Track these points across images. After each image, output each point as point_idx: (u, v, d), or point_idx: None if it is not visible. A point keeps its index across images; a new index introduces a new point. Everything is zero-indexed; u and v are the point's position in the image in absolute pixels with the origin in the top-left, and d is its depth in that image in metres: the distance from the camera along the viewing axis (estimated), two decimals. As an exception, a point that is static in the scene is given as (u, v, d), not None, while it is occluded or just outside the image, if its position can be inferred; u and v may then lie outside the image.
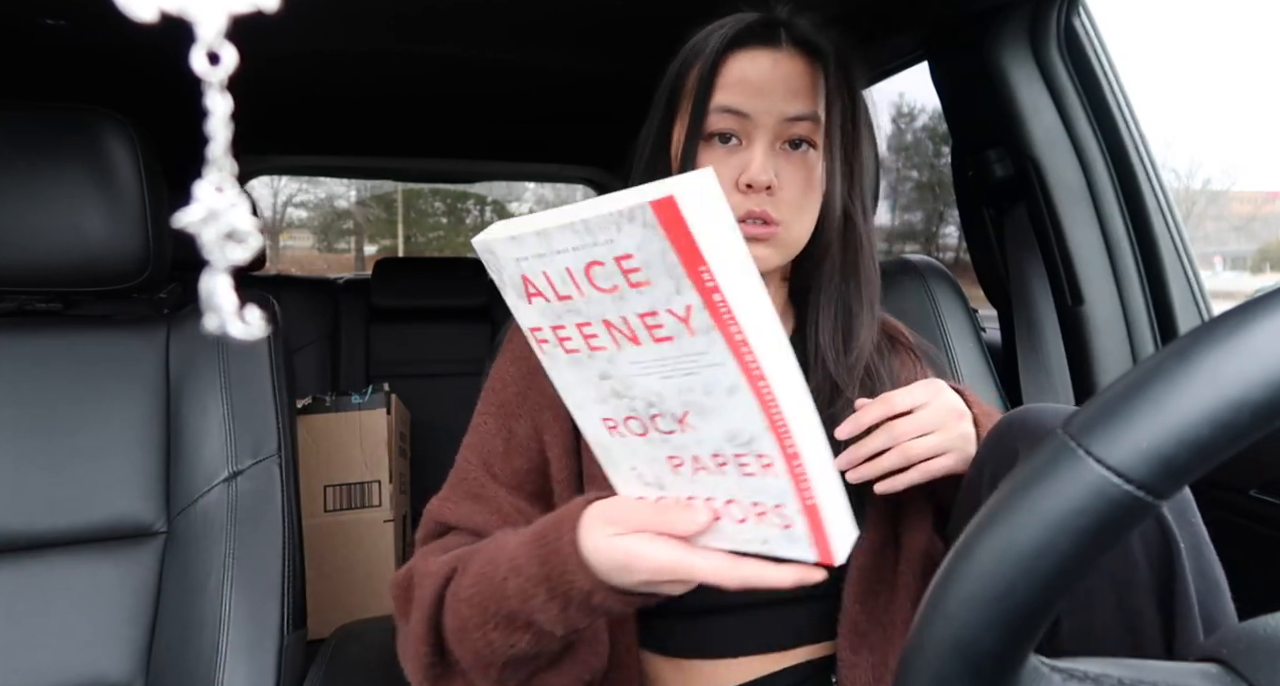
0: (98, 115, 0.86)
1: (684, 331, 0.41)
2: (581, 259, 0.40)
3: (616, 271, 0.39)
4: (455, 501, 0.68)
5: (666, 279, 0.39)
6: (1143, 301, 1.06)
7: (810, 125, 0.67)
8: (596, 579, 0.48)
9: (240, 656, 0.81)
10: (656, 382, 0.44)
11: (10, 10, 1.07)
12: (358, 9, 1.09)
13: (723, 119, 0.67)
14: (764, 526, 0.47)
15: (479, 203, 9.86)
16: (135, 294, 0.94)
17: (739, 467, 0.45)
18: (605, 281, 0.40)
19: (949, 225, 6.97)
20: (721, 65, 0.67)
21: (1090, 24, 1.05)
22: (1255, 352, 0.24)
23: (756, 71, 0.67)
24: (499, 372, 0.74)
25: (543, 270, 0.41)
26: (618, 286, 0.40)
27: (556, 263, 0.41)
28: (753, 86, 0.66)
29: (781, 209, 0.66)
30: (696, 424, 0.44)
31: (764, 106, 0.66)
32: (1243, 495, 0.91)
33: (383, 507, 1.69)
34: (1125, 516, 0.25)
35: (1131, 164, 1.05)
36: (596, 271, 0.40)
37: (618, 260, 0.39)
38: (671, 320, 0.40)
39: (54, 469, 0.85)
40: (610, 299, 0.41)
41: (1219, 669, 0.30)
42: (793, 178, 0.67)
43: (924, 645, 0.28)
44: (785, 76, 0.67)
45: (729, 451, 0.45)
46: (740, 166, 0.66)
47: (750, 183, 0.65)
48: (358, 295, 2.18)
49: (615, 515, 0.48)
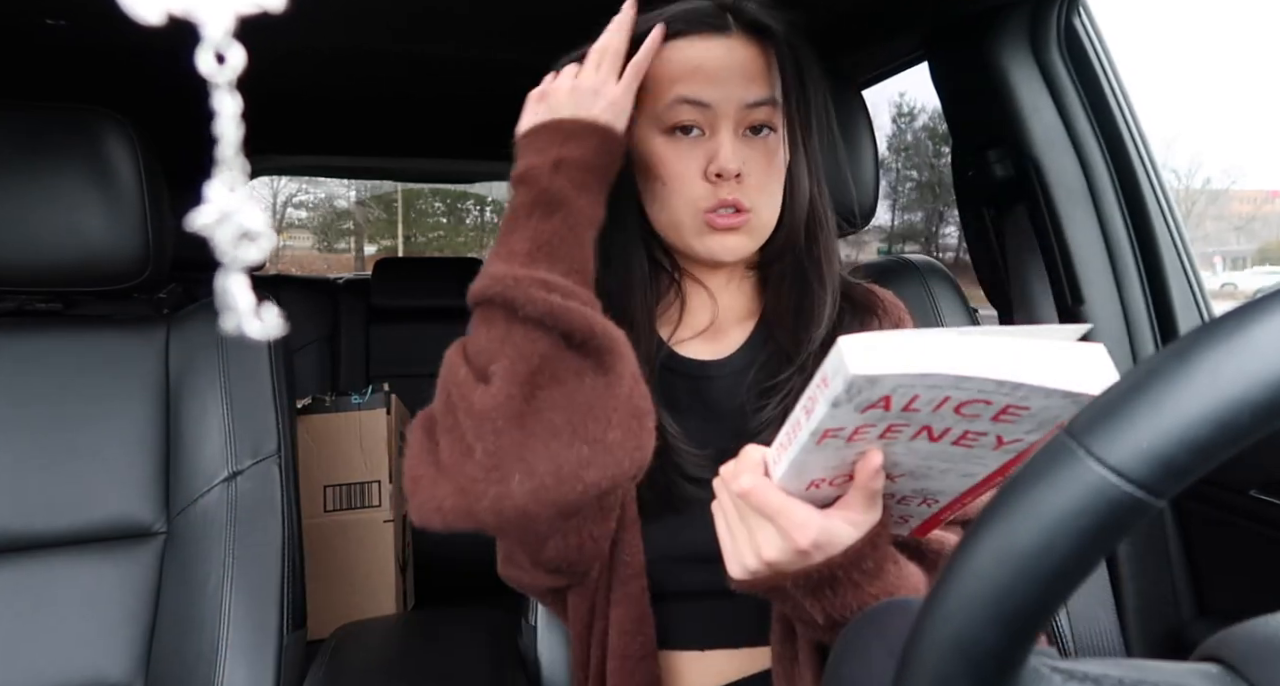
0: (98, 115, 0.86)
1: (991, 446, 0.41)
2: (973, 397, 0.39)
3: (996, 410, 0.39)
4: None
5: (1033, 424, 0.39)
6: (1143, 301, 1.06)
7: (769, 109, 0.67)
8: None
9: (240, 656, 0.81)
10: (911, 459, 0.45)
11: (10, 10, 1.07)
12: (358, 9, 1.09)
13: (684, 110, 0.66)
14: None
15: (479, 203, 9.85)
16: (135, 294, 0.94)
17: (898, 499, 0.50)
18: (972, 412, 0.39)
19: (949, 225, 6.98)
20: (665, 50, 0.67)
21: (1090, 24, 1.05)
22: (1255, 352, 0.24)
23: (712, 59, 0.66)
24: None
25: (916, 394, 0.39)
26: (979, 417, 0.40)
27: (941, 394, 0.39)
28: (709, 75, 0.66)
29: (750, 195, 0.67)
30: (900, 482, 0.47)
31: (723, 94, 0.66)
32: (1243, 495, 0.91)
33: (383, 508, 1.69)
34: (1125, 516, 0.25)
35: (1131, 164, 1.05)
36: (975, 407, 0.39)
37: (1009, 407, 0.39)
38: (992, 441, 0.41)
39: (54, 469, 0.85)
40: (957, 419, 0.40)
41: (1219, 669, 0.30)
42: (758, 163, 0.67)
43: (924, 645, 0.28)
44: (740, 62, 0.67)
45: (902, 494, 0.49)
46: (707, 156, 0.66)
47: (720, 172, 0.65)
48: (358, 295, 2.18)
49: None
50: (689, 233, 0.68)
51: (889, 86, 1.44)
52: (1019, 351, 0.38)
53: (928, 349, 0.38)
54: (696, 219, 0.67)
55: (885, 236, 7.01)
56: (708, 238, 0.68)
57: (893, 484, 0.48)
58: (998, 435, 0.41)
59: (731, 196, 0.66)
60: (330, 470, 1.68)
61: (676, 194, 0.67)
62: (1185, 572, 1.02)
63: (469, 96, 1.58)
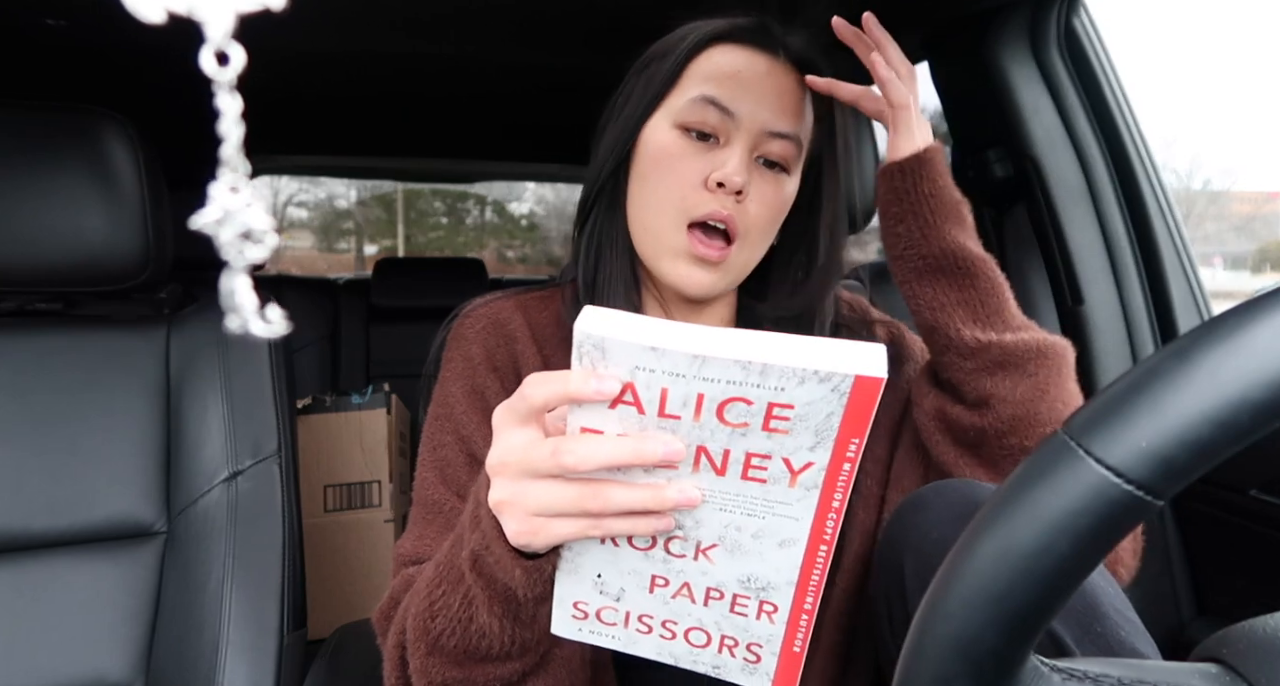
0: (98, 115, 0.86)
1: (785, 481, 0.38)
2: (726, 393, 0.36)
3: (760, 414, 0.36)
4: (433, 537, 0.62)
5: (809, 435, 0.36)
6: (1143, 301, 1.07)
7: (789, 147, 0.64)
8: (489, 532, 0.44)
9: (240, 656, 0.81)
10: (709, 511, 0.40)
11: (10, 10, 1.07)
12: (358, 9, 1.09)
13: (705, 110, 0.63)
14: (724, 656, 0.45)
15: (479, 203, 9.86)
16: (135, 294, 0.94)
17: (732, 605, 0.43)
18: (737, 418, 0.36)
19: (949, 225, 6.97)
20: (709, 50, 0.65)
21: (1090, 24, 1.05)
22: (1255, 352, 0.24)
23: (751, 71, 0.64)
24: (448, 396, 0.68)
25: (663, 386, 0.36)
26: (748, 424, 0.37)
27: (689, 387, 0.36)
28: (744, 84, 0.63)
29: (745, 221, 0.63)
30: (719, 559, 0.42)
31: (750, 109, 0.63)
32: (1243, 495, 0.91)
33: (383, 507, 1.69)
34: (1125, 516, 0.25)
35: (1131, 164, 1.05)
36: (736, 408, 0.36)
37: (772, 406, 0.36)
38: (780, 468, 0.38)
39: (54, 468, 0.85)
40: (728, 432, 0.37)
41: (1219, 668, 0.30)
42: (763, 194, 0.64)
43: (924, 645, 0.28)
44: (777, 87, 0.64)
45: (732, 590, 0.43)
46: (713, 165, 0.62)
47: (723, 181, 0.61)
48: (358, 295, 2.18)
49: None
50: (664, 247, 0.64)
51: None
52: (775, 342, 0.36)
53: (671, 330, 0.36)
54: (679, 233, 0.63)
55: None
56: (680, 262, 0.64)
57: (712, 566, 0.42)
58: (784, 458, 0.37)
59: (726, 212, 0.62)
60: (330, 470, 1.68)
61: (667, 196, 0.63)
62: (1185, 572, 1.02)
63: (469, 96, 1.58)
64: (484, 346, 0.69)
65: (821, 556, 0.40)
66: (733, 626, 0.44)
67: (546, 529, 0.41)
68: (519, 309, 0.71)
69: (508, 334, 0.69)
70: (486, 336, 0.69)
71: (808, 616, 0.43)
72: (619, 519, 0.40)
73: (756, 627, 0.44)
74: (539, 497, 0.40)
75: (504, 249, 10.09)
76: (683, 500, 0.39)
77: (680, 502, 0.39)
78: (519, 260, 10.20)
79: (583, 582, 0.45)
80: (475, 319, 0.71)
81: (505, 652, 0.49)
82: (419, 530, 0.64)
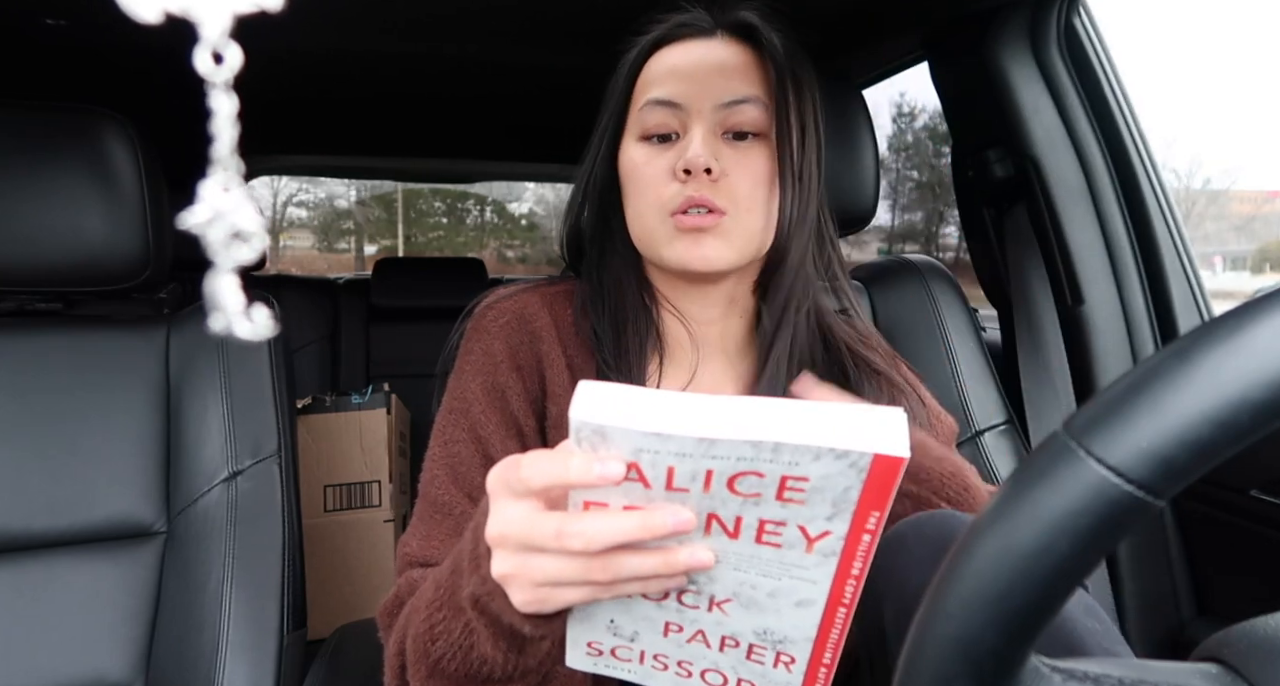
0: (98, 115, 0.86)
1: (801, 547, 0.37)
2: (737, 467, 0.34)
3: (774, 485, 0.34)
4: (441, 539, 0.62)
5: (826, 506, 0.35)
6: (1143, 301, 1.06)
7: (754, 111, 0.62)
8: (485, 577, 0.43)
9: (240, 656, 0.81)
10: (724, 570, 0.39)
11: (10, 10, 1.07)
12: (358, 9, 1.09)
13: (655, 113, 0.63)
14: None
15: (479, 203, 9.86)
16: (135, 294, 0.94)
17: (748, 653, 0.42)
18: (749, 489, 0.35)
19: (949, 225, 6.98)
20: (650, 60, 0.65)
21: (1090, 24, 1.05)
22: (1255, 352, 0.24)
23: (687, 59, 0.64)
24: (465, 391, 0.66)
25: (669, 465, 0.35)
26: (760, 495, 0.35)
27: (698, 464, 0.34)
28: (681, 74, 0.63)
29: (725, 196, 0.61)
30: (733, 613, 0.41)
31: (694, 92, 0.62)
32: (1243, 495, 0.91)
33: (383, 507, 1.69)
34: (1125, 516, 0.25)
35: (1131, 164, 1.05)
36: (747, 480, 0.34)
37: (786, 478, 0.34)
38: (796, 535, 0.36)
39: (54, 468, 0.85)
40: (740, 501, 0.36)
41: (1219, 668, 0.30)
42: (740, 167, 0.62)
43: (925, 645, 0.28)
44: (718, 61, 0.63)
45: (748, 640, 0.42)
46: (678, 155, 0.62)
47: (688, 166, 0.60)
48: (358, 295, 2.18)
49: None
50: (660, 240, 0.64)
51: (889, 86, 1.44)
52: (787, 412, 0.34)
53: (674, 407, 0.34)
54: (666, 223, 0.63)
55: (885, 236, 7.04)
56: (676, 242, 0.62)
57: (727, 617, 0.41)
58: (799, 526, 0.36)
59: (700, 194, 0.60)
60: (330, 470, 1.68)
61: (645, 198, 0.64)
62: (1185, 572, 1.02)
63: (469, 96, 1.58)
64: (507, 342, 0.67)
65: (840, 618, 0.39)
66: (749, 672, 0.44)
67: (554, 597, 0.40)
68: (544, 305, 0.70)
69: (532, 331, 0.68)
70: (510, 332, 0.68)
71: (826, 669, 0.42)
72: (629, 583, 0.39)
73: (774, 675, 0.43)
74: (545, 571, 0.39)
75: (504, 249, 10.10)
76: (694, 563, 0.38)
77: (692, 566, 0.38)
78: (519, 260, 10.21)
79: (596, 628, 0.44)
80: (499, 312, 0.69)
81: (507, 676, 0.48)
82: (426, 530, 0.63)
